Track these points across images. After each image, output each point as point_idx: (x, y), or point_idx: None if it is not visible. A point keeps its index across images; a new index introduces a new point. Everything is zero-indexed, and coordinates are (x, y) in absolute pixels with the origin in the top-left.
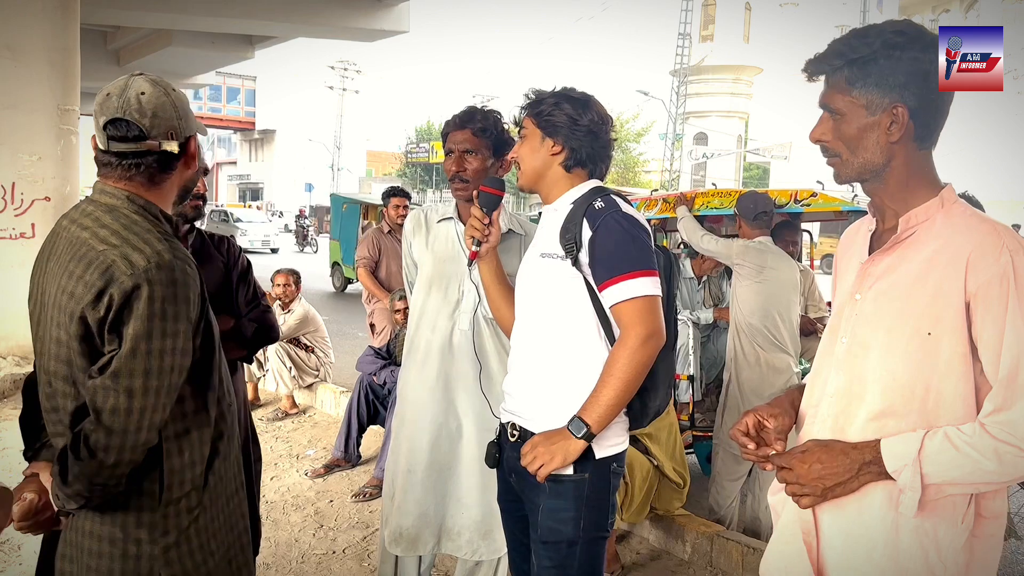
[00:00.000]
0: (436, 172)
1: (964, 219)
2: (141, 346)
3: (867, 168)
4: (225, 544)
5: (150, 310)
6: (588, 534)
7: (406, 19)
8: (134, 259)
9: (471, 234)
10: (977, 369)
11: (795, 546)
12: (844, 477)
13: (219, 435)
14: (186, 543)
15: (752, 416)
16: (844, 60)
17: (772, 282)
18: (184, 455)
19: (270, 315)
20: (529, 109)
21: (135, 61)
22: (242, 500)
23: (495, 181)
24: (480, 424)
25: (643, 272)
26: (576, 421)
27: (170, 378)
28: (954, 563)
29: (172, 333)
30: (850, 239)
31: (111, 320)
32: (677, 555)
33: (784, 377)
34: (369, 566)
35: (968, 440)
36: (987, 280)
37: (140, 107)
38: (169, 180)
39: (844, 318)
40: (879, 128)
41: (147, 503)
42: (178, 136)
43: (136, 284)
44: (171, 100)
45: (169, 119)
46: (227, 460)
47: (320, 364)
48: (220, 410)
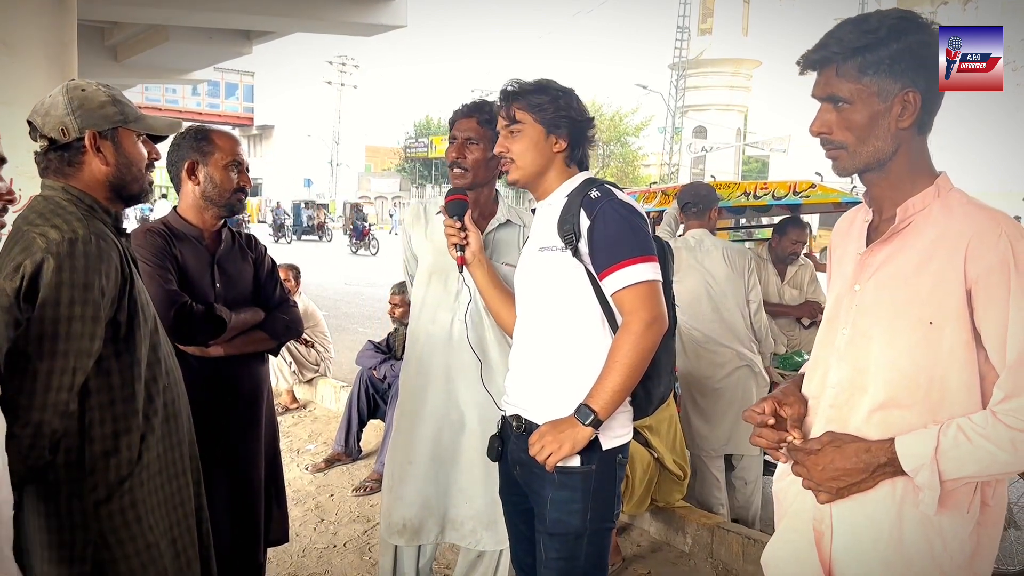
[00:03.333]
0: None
1: (961, 207)
2: (48, 312)
3: (876, 157)
4: (168, 521)
5: (58, 279)
6: (595, 525)
7: (404, 14)
8: (51, 235)
9: (452, 242)
10: (981, 357)
11: (804, 536)
12: (859, 478)
13: (153, 412)
14: (118, 501)
15: (770, 402)
16: (848, 48)
17: (693, 279)
18: (107, 425)
19: (296, 310)
20: (524, 103)
21: (132, 57)
22: (189, 487)
23: (456, 190)
24: (482, 416)
25: (643, 258)
26: (583, 408)
27: (80, 343)
28: (960, 552)
29: (81, 301)
30: (844, 229)
31: (25, 289)
32: (678, 547)
33: (725, 370)
34: (370, 560)
35: (982, 431)
36: (987, 267)
37: (40, 108)
38: (82, 172)
39: (844, 308)
40: (889, 115)
41: (75, 467)
42: (68, 132)
43: (46, 256)
44: (66, 98)
45: (59, 116)
46: (166, 440)
47: (320, 359)
48: (156, 388)
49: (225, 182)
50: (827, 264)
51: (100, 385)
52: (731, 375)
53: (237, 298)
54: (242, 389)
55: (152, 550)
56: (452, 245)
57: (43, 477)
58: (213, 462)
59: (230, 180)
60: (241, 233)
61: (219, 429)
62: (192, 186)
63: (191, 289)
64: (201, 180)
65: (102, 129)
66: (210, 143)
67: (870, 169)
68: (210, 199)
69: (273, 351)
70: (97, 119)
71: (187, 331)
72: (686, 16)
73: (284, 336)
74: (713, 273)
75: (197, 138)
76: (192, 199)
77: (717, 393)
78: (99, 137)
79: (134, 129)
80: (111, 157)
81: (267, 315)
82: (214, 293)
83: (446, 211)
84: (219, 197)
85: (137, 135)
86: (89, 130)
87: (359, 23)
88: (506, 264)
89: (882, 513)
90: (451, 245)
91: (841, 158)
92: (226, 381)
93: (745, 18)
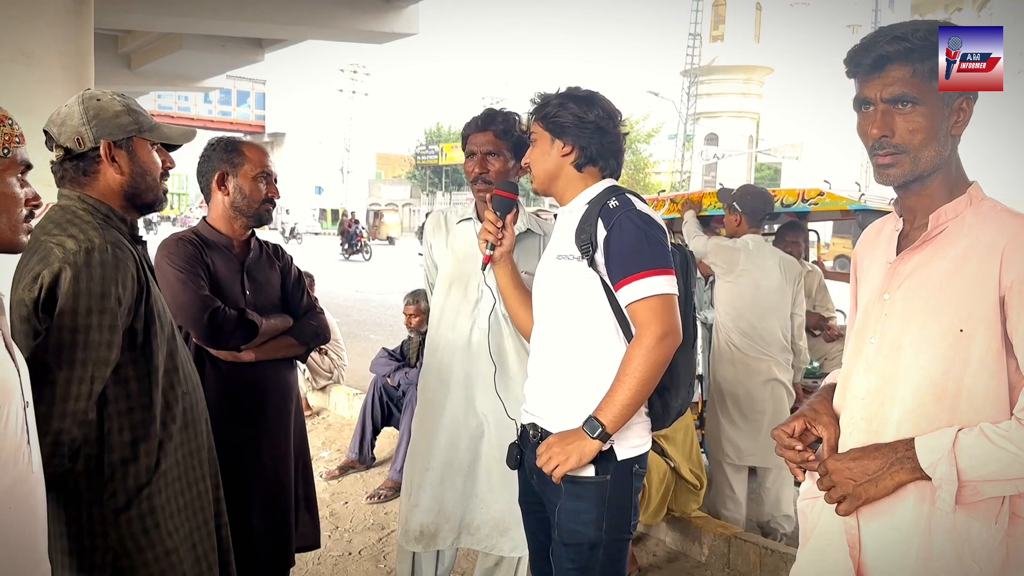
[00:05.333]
0: (445, 174)
1: (995, 214)
2: (66, 321)
3: (934, 163)
4: (187, 527)
5: (75, 288)
6: (610, 536)
7: (415, 21)
8: (68, 245)
9: (484, 237)
10: (1012, 367)
11: (836, 554)
12: (876, 473)
13: (171, 419)
14: (137, 508)
15: (801, 420)
16: (912, 47)
17: (745, 283)
18: (125, 433)
19: (323, 317)
20: (536, 113)
21: (146, 65)
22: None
23: (509, 185)
24: (500, 424)
25: (658, 271)
26: (591, 421)
27: (97, 352)
28: (988, 563)
29: (98, 310)
30: (871, 240)
31: (43, 300)
32: (694, 557)
33: (760, 379)
34: (385, 567)
35: (1004, 434)
36: (1022, 274)
37: (56, 118)
38: (97, 181)
39: (873, 318)
40: (948, 121)
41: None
42: (84, 142)
43: (63, 265)
44: (82, 108)
45: (75, 126)
46: (185, 447)
47: (334, 366)
48: (174, 396)
49: (254, 193)
50: (851, 276)
51: (118, 393)
52: (765, 385)
53: (266, 305)
54: (272, 394)
55: (171, 556)
56: (484, 240)
57: (62, 485)
58: (244, 467)
59: (259, 191)
60: (268, 243)
61: (250, 434)
62: (222, 196)
63: (222, 296)
64: (231, 191)
65: (117, 139)
66: (240, 155)
67: (924, 177)
68: (239, 209)
69: (302, 357)
70: (112, 129)
71: (221, 336)
72: (698, 23)
73: (313, 342)
74: (767, 280)
75: (227, 149)
76: (221, 209)
77: (751, 402)
78: (114, 147)
79: (149, 138)
80: (126, 166)
81: (295, 321)
82: (244, 300)
83: (491, 205)
84: (248, 208)
85: (152, 144)
86: (104, 140)
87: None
88: (525, 273)
89: (911, 527)
90: (483, 240)
91: (901, 163)
92: (256, 386)
93: (757, 25)
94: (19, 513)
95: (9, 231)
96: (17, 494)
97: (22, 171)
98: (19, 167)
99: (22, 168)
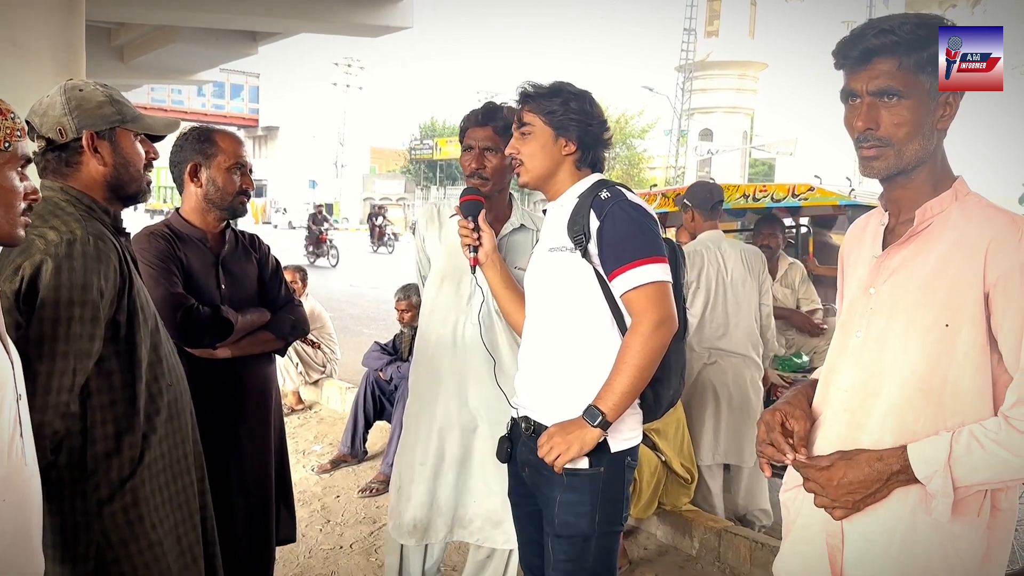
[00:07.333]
0: (440, 169)
1: (980, 210)
2: (48, 313)
3: (919, 157)
4: (172, 519)
5: (56, 280)
6: (603, 528)
7: (409, 15)
8: (49, 236)
9: (465, 243)
10: (995, 361)
11: (816, 547)
12: (873, 488)
13: (155, 412)
14: (121, 500)
15: (777, 414)
16: (916, 41)
17: (710, 281)
18: (108, 425)
19: (302, 310)
20: (534, 106)
21: (138, 58)
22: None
23: (471, 190)
24: (492, 417)
25: (652, 259)
26: (591, 409)
27: (79, 344)
28: (971, 556)
29: (80, 302)
30: (858, 234)
31: (24, 292)
32: (685, 550)
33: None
34: (376, 561)
35: (994, 437)
36: (1007, 270)
37: (37, 108)
38: (80, 172)
39: (858, 312)
40: (934, 115)
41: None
42: (66, 132)
43: (45, 257)
44: (64, 99)
45: (56, 116)
46: (169, 439)
47: (326, 360)
48: (158, 388)
49: (228, 185)
50: (839, 270)
51: (101, 385)
52: (736, 383)
53: (242, 299)
54: (250, 390)
55: (155, 549)
56: (465, 246)
57: (45, 477)
58: (223, 462)
59: (233, 183)
60: (244, 233)
61: (228, 430)
62: (194, 188)
63: (196, 291)
64: (203, 182)
65: (99, 129)
66: (213, 145)
67: (908, 170)
68: (212, 202)
69: (280, 351)
70: (95, 119)
71: (194, 334)
72: (693, 18)
73: (291, 336)
74: (731, 277)
75: (200, 139)
76: (195, 201)
77: (718, 402)
78: (96, 137)
79: (132, 129)
80: (108, 157)
81: (273, 315)
82: (219, 295)
83: (460, 211)
84: (221, 200)
85: (135, 135)
86: (87, 130)
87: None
88: (518, 268)
89: (894, 521)
90: (464, 246)
91: (886, 156)
92: (234, 382)
93: (752, 21)
94: (12, 506)
95: (8, 225)
96: (10, 487)
97: (22, 165)
98: (19, 161)
99: (22, 162)
